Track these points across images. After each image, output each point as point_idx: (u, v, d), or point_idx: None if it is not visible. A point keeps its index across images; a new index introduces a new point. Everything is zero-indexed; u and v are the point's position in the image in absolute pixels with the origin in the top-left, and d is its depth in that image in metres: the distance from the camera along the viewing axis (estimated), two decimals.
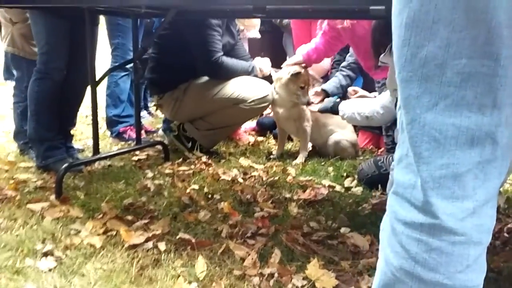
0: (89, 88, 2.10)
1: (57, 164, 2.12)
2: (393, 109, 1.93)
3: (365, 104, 2.08)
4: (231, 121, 2.53)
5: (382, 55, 1.60)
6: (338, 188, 2.05)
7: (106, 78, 2.86)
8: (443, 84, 0.60)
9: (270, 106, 2.55)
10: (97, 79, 2.06)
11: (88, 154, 2.43)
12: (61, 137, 2.29)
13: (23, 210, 1.72)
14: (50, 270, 1.34)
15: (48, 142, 2.20)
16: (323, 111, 2.27)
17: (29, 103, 2.20)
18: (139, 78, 2.29)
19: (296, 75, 2.37)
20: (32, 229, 1.58)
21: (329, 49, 2.51)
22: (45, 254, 1.42)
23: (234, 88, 2.42)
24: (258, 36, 3.64)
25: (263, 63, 2.63)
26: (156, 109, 3.29)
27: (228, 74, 2.45)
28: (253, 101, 2.41)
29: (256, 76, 2.53)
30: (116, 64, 2.69)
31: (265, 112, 2.92)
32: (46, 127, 2.21)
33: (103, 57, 2.97)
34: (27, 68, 2.36)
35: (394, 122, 1.93)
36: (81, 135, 2.96)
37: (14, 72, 2.58)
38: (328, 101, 2.27)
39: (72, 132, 2.45)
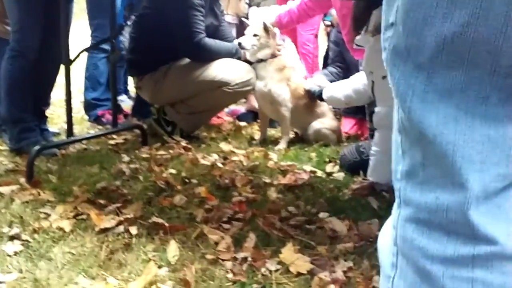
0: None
1: (31, 146, 2.04)
2: (367, 91, 1.92)
3: (342, 87, 2.09)
4: (213, 105, 2.47)
5: (358, 36, 1.56)
6: (319, 173, 2.01)
7: (86, 60, 2.80)
8: (497, 73, 0.44)
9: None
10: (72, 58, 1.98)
11: (64, 137, 2.36)
12: (35, 119, 2.22)
13: None
14: (16, 253, 1.29)
15: (22, 123, 2.14)
16: (309, 95, 2.28)
17: (2, 83, 2.13)
18: (116, 57, 2.22)
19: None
20: (0, 212, 1.52)
21: (303, 13, 2.48)
22: (12, 238, 1.37)
23: (217, 70, 2.36)
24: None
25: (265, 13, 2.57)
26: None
27: (211, 56, 2.39)
28: (236, 84, 2.36)
29: (240, 58, 2.47)
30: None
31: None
32: (19, 108, 2.14)
33: (84, 39, 2.89)
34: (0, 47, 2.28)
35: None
36: (58, 119, 2.88)
37: None
38: (315, 85, 2.27)
39: (48, 115, 2.38)
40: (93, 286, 1.15)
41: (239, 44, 2.35)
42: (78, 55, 2.07)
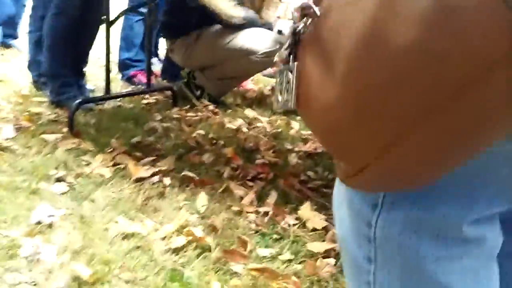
0: (103, 28, 2.16)
1: (70, 100, 2.19)
2: None
3: None
4: (240, 72, 2.58)
5: None
6: None
7: (122, 21, 2.91)
8: None
9: None
10: (111, 19, 2.10)
11: (99, 94, 2.50)
12: (74, 75, 2.36)
13: (38, 140, 1.82)
14: (62, 193, 1.45)
15: (62, 78, 2.28)
16: None
17: (45, 38, 2.27)
18: (153, 20, 2.33)
19: None
20: (46, 157, 1.68)
21: None
22: (58, 180, 1.52)
23: (245, 39, 2.46)
24: None
25: None
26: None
27: (242, 25, 2.47)
28: (264, 53, 2.45)
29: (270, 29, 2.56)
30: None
31: None
32: (60, 63, 2.28)
33: (122, 2, 2.98)
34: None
35: None
36: (92, 77, 3.02)
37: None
38: None
39: (84, 71, 2.51)
40: (132, 226, 1.30)
41: (279, 31, 2.41)
42: (118, 17, 2.19)
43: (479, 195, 0.45)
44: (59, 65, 2.27)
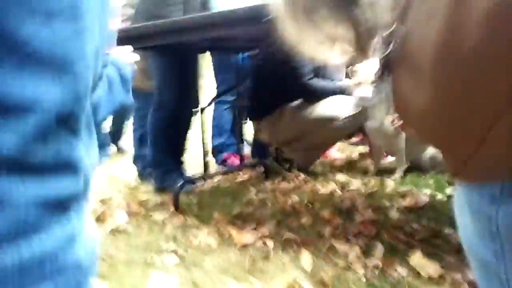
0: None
1: (173, 185, 2.36)
2: None
3: None
4: (325, 140, 2.63)
5: None
6: (439, 196, 2.03)
7: (213, 111, 3.18)
8: None
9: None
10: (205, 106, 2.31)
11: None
12: (175, 163, 2.55)
13: (148, 221, 1.96)
14: (175, 265, 1.53)
15: (165, 166, 2.48)
16: None
17: (149, 133, 2.52)
18: (242, 102, 2.52)
19: None
20: (157, 234, 1.80)
21: None
22: (170, 252, 1.62)
23: (327, 107, 2.54)
24: None
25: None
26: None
27: (319, 94, 2.57)
28: (346, 118, 2.50)
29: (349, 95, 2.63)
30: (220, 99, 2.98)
31: None
32: (163, 153, 2.49)
33: (211, 93, 3.27)
34: (144, 99, 2.70)
35: None
36: (188, 166, 3.25)
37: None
38: None
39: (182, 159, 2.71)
40: (242, 286, 1.33)
41: (363, 98, 2.49)
42: (209, 103, 2.40)
43: None
44: (162, 155, 2.49)
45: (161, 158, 2.49)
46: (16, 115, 0.34)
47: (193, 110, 2.51)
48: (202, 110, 2.31)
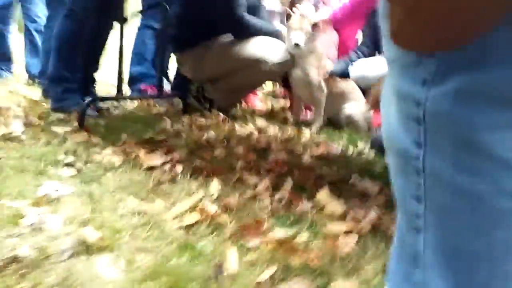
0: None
1: (72, 107, 2.14)
2: None
3: (376, 64, 2.14)
4: (250, 83, 2.57)
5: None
6: (351, 150, 2.08)
7: (134, 37, 2.96)
8: None
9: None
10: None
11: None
12: (80, 81, 2.31)
13: (47, 133, 1.79)
14: (71, 176, 1.40)
15: (66, 83, 2.24)
16: (334, 74, 2.33)
17: (54, 40, 2.25)
18: (166, 24, 2.34)
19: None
20: (55, 146, 1.64)
21: (357, 8, 2.54)
22: (67, 165, 1.48)
23: (256, 48, 2.46)
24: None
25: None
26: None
27: (252, 33, 2.48)
28: (273, 62, 2.45)
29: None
30: (145, 22, 2.77)
31: None
32: (66, 67, 2.24)
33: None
34: (58, 8, 2.42)
35: None
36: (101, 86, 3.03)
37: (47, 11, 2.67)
38: (339, 65, 2.33)
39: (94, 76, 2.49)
40: (142, 205, 1.24)
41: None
42: (133, 16, 2.20)
43: None
44: (64, 69, 2.23)
45: (63, 72, 2.25)
46: None
47: (112, 23, 2.28)
48: (125, 19, 2.09)
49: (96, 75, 2.46)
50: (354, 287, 0.95)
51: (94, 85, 2.47)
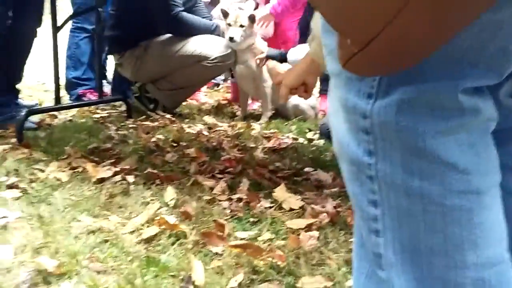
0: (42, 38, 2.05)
1: (7, 122, 2.01)
2: None
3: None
4: (194, 80, 2.54)
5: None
6: (301, 140, 2.11)
7: (67, 40, 2.82)
8: None
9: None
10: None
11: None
12: (8, 93, 2.16)
13: None
14: (16, 198, 1.32)
15: None
16: (270, 57, 2.35)
17: None
18: (102, 28, 2.25)
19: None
20: None
21: (296, 1, 2.57)
22: (10, 187, 1.39)
23: (196, 45, 2.43)
24: None
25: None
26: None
27: (189, 30, 2.44)
28: (215, 58, 2.43)
29: (219, 36, 2.55)
30: (78, 24, 2.64)
31: None
32: None
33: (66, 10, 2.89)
34: None
35: None
36: (33, 93, 2.87)
37: None
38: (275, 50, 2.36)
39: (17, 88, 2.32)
40: (97, 223, 1.20)
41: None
42: (65, 22, 2.09)
43: (469, 71, 0.45)
44: None
45: None
46: None
47: (35, 30, 2.15)
48: (58, 28, 1.99)
49: (19, 86, 2.27)
50: (320, 282, 0.97)
51: (19, 97, 2.28)
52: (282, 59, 2.30)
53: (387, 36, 0.42)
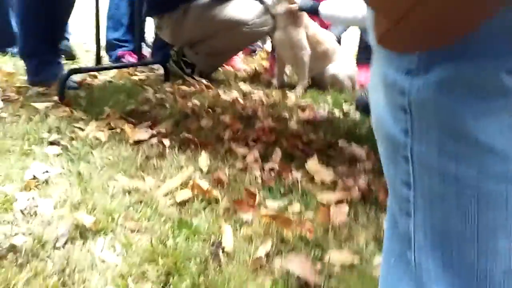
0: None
1: (51, 79, 2.06)
2: None
3: (347, 5, 2.13)
4: (231, 45, 2.52)
5: None
6: (336, 112, 2.09)
7: (108, 1, 2.84)
8: None
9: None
10: None
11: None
12: (52, 51, 2.20)
13: (27, 109, 1.74)
14: (57, 155, 1.38)
15: (39, 56, 2.13)
16: (302, 9, 2.31)
17: (16, 13, 2.12)
18: None
19: None
20: (37, 123, 1.60)
21: None
22: (52, 143, 1.45)
23: (235, 10, 2.40)
24: None
25: None
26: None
27: None
28: (254, 23, 2.40)
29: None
30: None
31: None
32: (36, 39, 2.12)
33: None
34: None
35: None
36: (78, 62, 2.94)
37: None
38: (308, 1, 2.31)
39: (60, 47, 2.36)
40: (132, 183, 1.24)
41: (261, 1, 2.38)
42: None
43: None
44: (34, 41, 2.12)
45: (33, 46, 2.13)
46: None
47: None
48: None
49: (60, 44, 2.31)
50: (348, 257, 0.97)
51: (61, 56, 2.33)
52: (314, 11, 2.25)
53: (421, 11, 0.40)
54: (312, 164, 1.36)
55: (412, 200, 0.50)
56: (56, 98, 1.87)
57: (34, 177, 1.19)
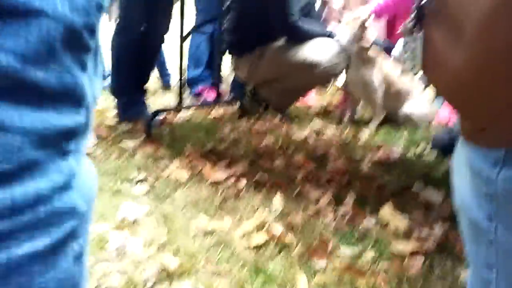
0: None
1: (138, 115, 2.24)
2: None
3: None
4: (303, 85, 2.58)
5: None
6: (411, 152, 2.06)
7: (189, 41, 3.03)
8: None
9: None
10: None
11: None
12: (139, 92, 2.40)
13: (117, 147, 1.90)
14: (144, 194, 1.50)
15: (128, 95, 2.32)
16: (375, 44, 2.33)
17: (111, 57, 2.34)
18: (221, 35, 2.40)
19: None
20: (126, 161, 1.75)
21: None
22: (139, 181, 1.58)
23: (309, 52, 2.47)
24: None
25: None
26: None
27: (305, 37, 2.49)
28: (325, 66, 2.45)
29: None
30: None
31: None
32: (126, 80, 2.32)
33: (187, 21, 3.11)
34: None
35: None
36: (159, 98, 3.14)
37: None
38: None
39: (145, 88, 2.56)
40: (212, 224, 1.32)
41: (337, 39, 2.43)
42: (189, 33, 2.27)
43: None
44: (124, 82, 2.33)
45: (124, 86, 2.34)
46: (18, 21, 0.30)
47: (163, 36, 2.35)
48: (184, 38, 2.18)
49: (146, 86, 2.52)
50: None
51: (145, 97, 2.52)
52: (387, 49, 2.25)
53: (502, 122, 0.43)
54: (386, 210, 1.36)
55: (494, 282, 0.52)
56: (141, 135, 2.02)
57: (125, 217, 1.30)
